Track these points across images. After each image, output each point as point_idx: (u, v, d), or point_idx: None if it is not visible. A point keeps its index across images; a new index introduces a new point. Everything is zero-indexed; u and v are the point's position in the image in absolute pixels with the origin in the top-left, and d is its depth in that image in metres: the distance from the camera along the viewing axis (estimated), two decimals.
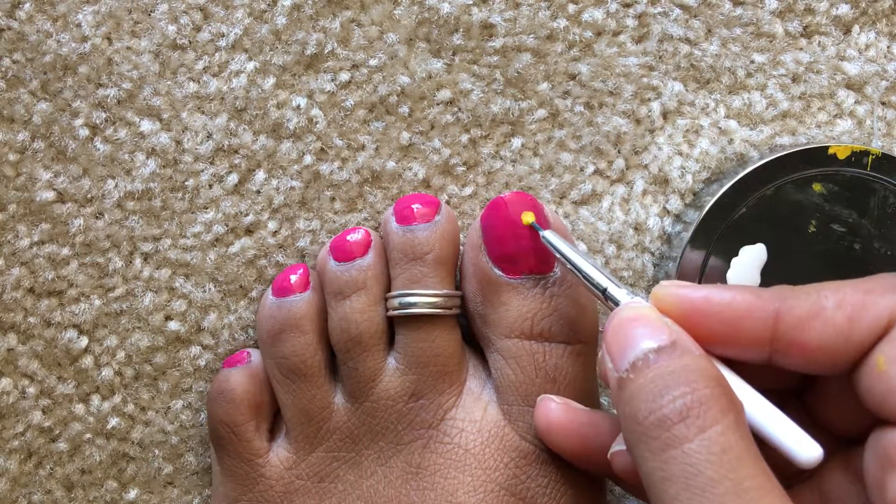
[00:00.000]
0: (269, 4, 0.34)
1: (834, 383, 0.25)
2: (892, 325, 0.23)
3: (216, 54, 0.34)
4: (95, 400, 0.34)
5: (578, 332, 0.31)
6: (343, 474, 0.31)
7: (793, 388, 0.27)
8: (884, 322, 0.23)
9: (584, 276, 0.28)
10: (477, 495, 0.30)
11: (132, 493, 0.34)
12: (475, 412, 0.31)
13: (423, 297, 0.31)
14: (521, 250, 0.31)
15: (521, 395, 0.30)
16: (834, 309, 0.23)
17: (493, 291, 0.31)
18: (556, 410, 0.29)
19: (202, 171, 0.34)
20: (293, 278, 0.32)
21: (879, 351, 0.23)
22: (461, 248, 0.33)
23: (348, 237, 0.32)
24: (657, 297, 0.25)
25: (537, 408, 0.29)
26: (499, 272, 0.31)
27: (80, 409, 0.34)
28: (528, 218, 0.31)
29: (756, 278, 0.32)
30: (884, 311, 0.23)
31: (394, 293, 0.31)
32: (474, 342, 0.33)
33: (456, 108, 0.34)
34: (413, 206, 0.32)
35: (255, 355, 0.33)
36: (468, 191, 0.34)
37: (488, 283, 0.31)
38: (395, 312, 0.31)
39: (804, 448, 0.23)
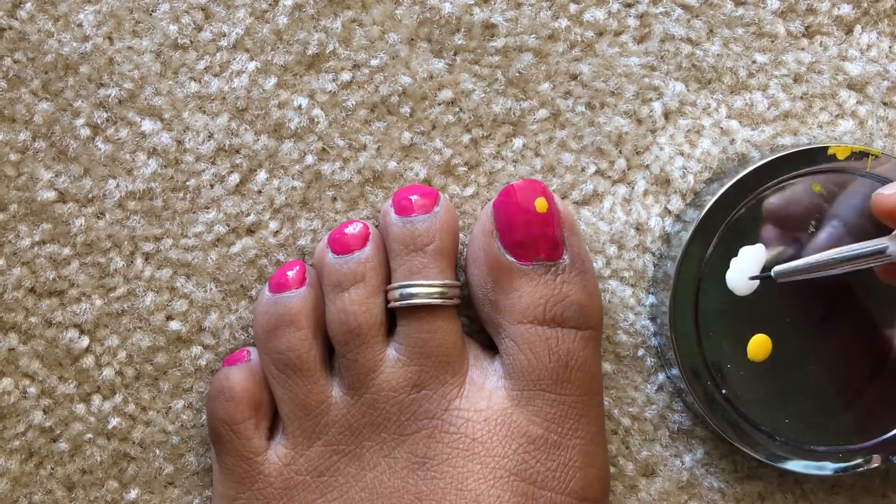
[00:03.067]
0: (270, 4, 0.34)
1: None
2: None
3: (217, 54, 0.34)
4: (96, 400, 0.34)
5: (588, 317, 0.31)
6: (344, 467, 0.31)
7: None
8: None
9: (862, 256, 0.28)
10: (487, 482, 0.30)
11: (133, 494, 0.34)
12: (479, 402, 0.31)
13: (425, 288, 0.31)
14: (532, 237, 0.31)
15: (533, 380, 0.31)
16: None
17: (506, 277, 0.31)
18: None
19: (203, 170, 0.34)
20: (290, 274, 0.32)
21: None
22: (461, 237, 0.33)
23: (346, 230, 0.32)
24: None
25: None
26: (511, 258, 0.31)
27: (80, 409, 0.34)
28: (542, 205, 0.31)
29: (754, 280, 0.33)
30: None
31: (394, 284, 0.31)
32: (475, 333, 0.33)
33: (457, 108, 0.34)
34: (412, 196, 0.32)
35: (255, 353, 0.33)
36: (469, 191, 0.34)
37: (500, 269, 0.31)
38: (397, 304, 0.31)
39: None
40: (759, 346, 0.33)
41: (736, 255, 0.33)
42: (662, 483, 0.34)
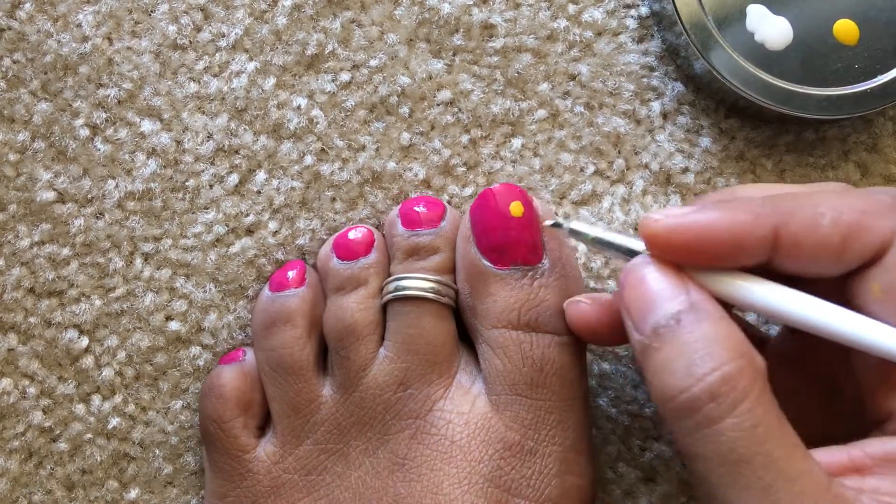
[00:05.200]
0: (269, 5, 0.34)
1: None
2: (883, 251, 0.25)
3: (217, 54, 0.34)
4: (96, 400, 0.34)
5: (566, 322, 0.31)
6: (331, 466, 0.31)
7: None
8: (875, 247, 0.24)
9: (622, 250, 0.27)
10: (462, 487, 0.30)
11: (133, 493, 0.34)
12: (463, 405, 0.31)
13: (418, 282, 0.31)
14: (510, 241, 0.31)
15: (509, 384, 0.31)
16: (829, 227, 0.24)
17: (482, 282, 0.31)
18: (587, 309, 0.30)
19: (203, 171, 0.34)
20: (290, 274, 0.33)
21: (875, 278, 0.25)
22: None
23: (350, 235, 0.32)
24: (654, 234, 0.25)
25: (569, 310, 0.30)
26: (487, 263, 0.31)
27: (80, 409, 0.34)
28: (517, 209, 0.31)
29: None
30: (876, 238, 0.24)
31: (390, 279, 0.32)
32: (468, 338, 0.33)
33: (456, 109, 0.34)
34: (419, 210, 0.32)
35: (250, 354, 0.33)
36: (469, 191, 0.34)
37: (477, 273, 0.31)
38: (389, 296, 0.31)
39: None
40: None
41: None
42: (663, 484, 0.34)
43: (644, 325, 0.25)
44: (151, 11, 0.34)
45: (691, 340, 0.24)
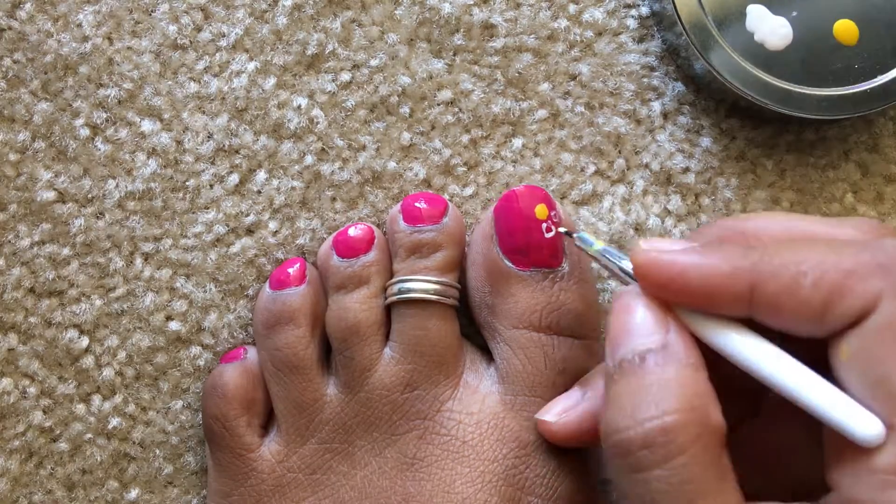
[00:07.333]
0: (269, 4, 0.34)
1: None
2: (865, 315, 0.23)
3: (217, 54, 0.34)
4: (96, 400, 0.34)
5: (585, 327, 0.31)
6: (336, 465, 0.31)
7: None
8: (857, 311, 0.23)
9: (621, 273, 0.27)
10: (475, 485, 0.30)
11: (133, 493, 0.34)
12: (472, 405, 0.31)
13: (422, 284, 0.31)
14: (533, 243, 0.31)
15: (528, 386, 0.31)
16: (810, 289, 0.23)
17: (503, 282, 0.31)
18: (556, 427, 0.29)
19: (203, 171, 0.34)
20: (290, 272, 0.33)
21: (846, 340, 0.23)
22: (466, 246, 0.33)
23: (351, 233, 0.32)
24: (637, 265, 0.25)
25: (543, 429, 0.30)
26: (509, 264, 0.31)
27: (80, 409, 0.34)
28: (542, 211, 0.31)
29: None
30: (858, 302, 0.23)
31: (394, 280, 0.32)
32: (473, 337, 0.33)
33: (457, 109, 0.34)
34: (421, 206, 0.32)
35: (252, 352, 0.33)
36: (469, 191, 0.34)
37: (498, 273, 0.31)
38: (394, 298, 0.31)
39: (863, 425, 0.22)
40: None
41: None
42: None
43: (615, 354, 0.25)
44: (152, 11, 0.34)
45: (647, 383, 0.23)
